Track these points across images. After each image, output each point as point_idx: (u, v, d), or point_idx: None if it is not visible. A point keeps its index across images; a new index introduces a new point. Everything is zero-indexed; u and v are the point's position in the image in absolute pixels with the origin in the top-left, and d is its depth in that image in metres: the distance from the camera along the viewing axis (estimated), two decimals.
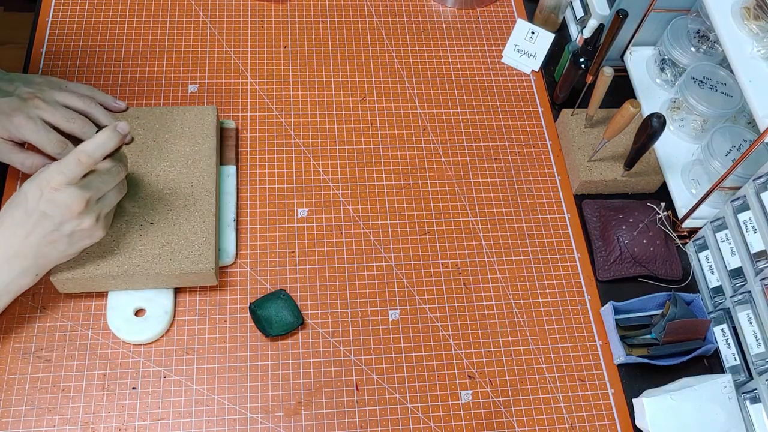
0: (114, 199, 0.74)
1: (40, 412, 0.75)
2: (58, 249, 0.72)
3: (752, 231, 0.80)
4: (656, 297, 0.86)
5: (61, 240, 0.71)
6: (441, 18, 1.11)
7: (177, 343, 0.80)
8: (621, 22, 0.85)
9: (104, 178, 0.72)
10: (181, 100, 0.97)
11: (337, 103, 1.00)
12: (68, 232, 0.70)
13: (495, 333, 0.85)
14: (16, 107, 0.78)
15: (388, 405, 0.79)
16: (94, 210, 0.71)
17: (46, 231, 0.70)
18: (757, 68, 0.80)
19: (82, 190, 0.69)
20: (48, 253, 0.71)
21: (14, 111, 0.78)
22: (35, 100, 0.79)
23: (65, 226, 0.70)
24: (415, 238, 0.90)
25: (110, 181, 0.72)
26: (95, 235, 0.73)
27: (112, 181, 0.73)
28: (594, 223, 0.93)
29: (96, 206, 0.72)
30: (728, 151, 0.89)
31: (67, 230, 0.70)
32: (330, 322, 0.83)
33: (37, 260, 0.71)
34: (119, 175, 0.74)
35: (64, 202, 0.69)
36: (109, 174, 0.72)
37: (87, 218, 0.71)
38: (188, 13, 1.05)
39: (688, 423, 0.78)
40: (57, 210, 0.69)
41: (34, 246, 0.70)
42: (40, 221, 0.69)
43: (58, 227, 0.70)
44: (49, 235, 0.70)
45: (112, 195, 0.74)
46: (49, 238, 0.70)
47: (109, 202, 0.74)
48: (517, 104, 1.03)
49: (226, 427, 0.76)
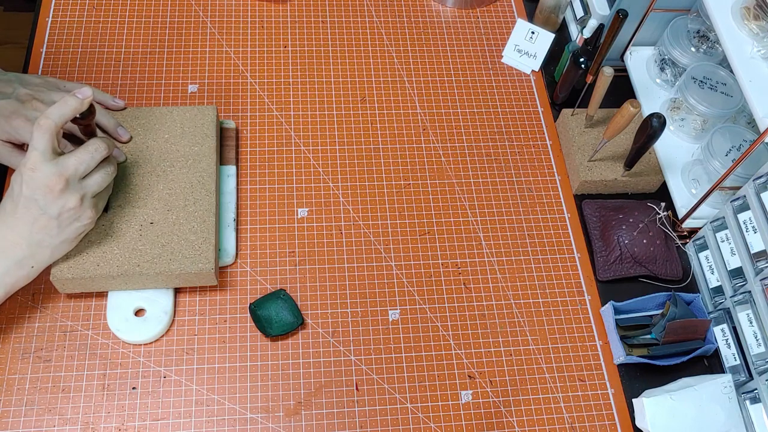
0: (100, 179, 0.74)
1: (40, 412, 0.75)
2: (50, 234, 0.72)
3: (752, 231, 0.80)
4: (656, 297, 0.86)
5: (51, 224, 0.71)
6: (441, 18, 1.11)
7: (177, 343, 0.80)
8: (621, 22, 0.85)
9: (80, 156, 0.71)
10: (181, 100, 0.97)
11: (337, 103, 1.00)
12: (55, 214, 0.70)
13: (495, 333, 0.85)
14: (14, 109, 0.78)
15: (388, 405, 0.79)
16: (76, 189, 0.71)
17: (34, 216, 0.70)
18: (757, 68, 0.80)
19: (58, 167, 0.69)
20: (41, 240, 0.72)
21: (12, 113, 0.78)
22: (33, 102, 0.79)
23: (50, 207, 0.70)
24: (415, 238, 0.90)
25: (87, 159, 0.72)
26: (85, 216, 0.73)
27: (90, 159, 0.72)
28: (594, 223, 0.93)
29: (78, 185, 0.72)
30: (728, 151, 0.89)
31: (53, 212, 0.70)
32: (330, 322, 0.83)
33: (31, 249, 0.72)
34: (97, 152, 0.73)
35: (42, 181, 0.69)
36: (85, 152, 0.72)
37: (71, 198, 0.71)
38: (188, 13, 1.05)
39: (688, 423, 0.78)
40: (38, 191, 0.69)
41: (26, 233, 0.71)
42: (27, 206, 0.70)
43: (44, 210, 0.70)
44: (38, 220, 0.70)
45: (98, 176, 0.74)
46: (39, 223, 0.70)
47: (94, 182, 0.73)
48: (517, 104, 1.03)
49: (226, 427, 0.76)
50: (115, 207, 0.80)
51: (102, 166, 0.74)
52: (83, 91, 0.71)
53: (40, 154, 0.69)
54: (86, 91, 0.71)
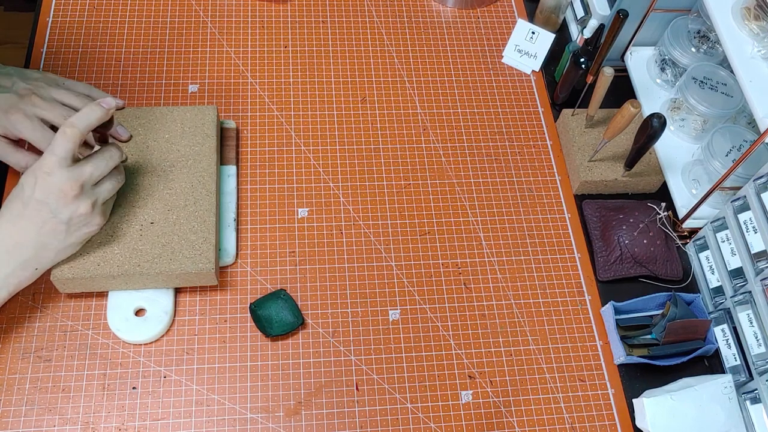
0: (111, 186, 0.74)
1: (40, 412, 0.75)
2: (58, 238, 0.72)
3: (752, 231, 0.80)
4: (656, 297, 0.86)
5: (59, 228, 0.71)
6: (441, 18, 1.11)
7: (177, 343, 0.80)
8: (621, 22, 0.85)
9: (96, 163, 0.72)
10: (181, 100, 0.97)
11: (337, 103, 1.00)
12: (65, 218, 0.71)
13: (495, 333, 0.85)
14: (12, 104, 0.78)
15: (388, 405, 0.79)
16: (89, 195, 0.72)
17: (44, 219, 0.70)
18: (758, 68, 0.80)
19: (74, 172, 0.70)
20: (48, 243, 0.72)
21: (11, 108, 0.78)
22: (32, 97, 0.79)
23: (62, 212, 0.70)
24: (415, 238, 0.90)
25: (102, 166, 0.72)
26: (93, 222, 0.73)
27: (105, 167, 0.73)
28: (594, 223, 0.93)
29: (91, 192, 0.72)
30: (728, 152, 0.89)
31: (64, 217, 0.70)
32: (330, 322, 0.83)
33: (37, 251, 0.72)
34: (111, 159, 0.73)
35: (57, 186, 0.69)
36: (101, 159, 0.72)
37: (83, 203, 0.71)
38: (188, 13, 1.05)
39: (688, 423, 0.78)
40: (51, 195, 0.69)
41: (33, 235, 0.71)
42: (38, 209, 0.70)
43: (55, 214, 0.70)
44: (47, 223, 0.70)
45: (109, 183, 0.74)
46: (48, 226, 0.70)
47: (105, 189, 0.74)
48: (517, 104, 1.03)
49: (226, 427, 0.76)
50: (115, 207, 0.80)
51: (113, 174, 0.75)
52: (107, 101, 0.72)
53: (58, 160, 0.69)
54: (110, 101, 0.72)
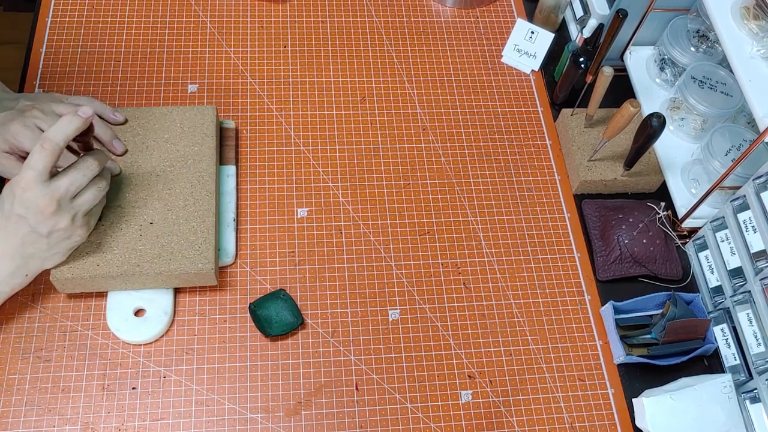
0: (91, 197, 0.73)
1: (40, 412, 0.75)
2: (41, 249, 0.71)
3: (752, 231, 0.80)
4: (656, 297, 0.86)
5: (40, 241, 0.71)
6: (441, 18, 1.11)
7: (177, 343, 0.80)
8: (621, 21, 0.85)
9: (73, 177, 0.70)
10: (181, 100, 0.97)
11: (337, 103, 1.00)
12: (45, 233, 0.70)
13: (495, 333, 0.85)
14: (12, 117, 0.78)
15: (388, 405, 0.79)
16: (67, 210, 0.70)
17: (24, 232, 0.70)
18: (757, 68, 0.80)
19: (51, 189, 0.69)
20: (33, 254, 0.72)
21: (11, 120, 0.78)
22: (33, 110, 0.79)
23: (40, 227, 0.70)
24: (415, 238, 0.90)
25: (79, 178, 0.71)
26: (75, 234, 0.73)
27: (82, 178, 0.71)
28: (594, 223, 0.93)
29: (69, 206, 0.71)
30: (728, 151, 0.89)
31: (43, 231, 0.70)
32: (330, 322, 0.83)
33: (24, 260, 0.72)
34: (89, 170, 0.71)
35: (34, 203, 0.68)
36: (78, 171, 0.71)
37: (62, 219, 0.70)
38: (188, 13, 1.05)
39: (688, 423, 0.78)
40: (29, 211, 0.69)
41: (17, 247, 0.71)
42: (18, 223, 0.70)
43: (34, 228, 0.70)
44: (28, 236, 0.70)
45: (89, 194, 0.72)
46: (29, 238, 0.70)
47: (85, 200, 0.72)
48: (516, 104, 1.03)
49: (226, 427, 0.76)
50: (114, 207, 0.80)
51: (94, 182, 0.73)
52: (84, 110, 0.70)
53: (35, 175, 0.68)
54: (87, 110, 0.70)
